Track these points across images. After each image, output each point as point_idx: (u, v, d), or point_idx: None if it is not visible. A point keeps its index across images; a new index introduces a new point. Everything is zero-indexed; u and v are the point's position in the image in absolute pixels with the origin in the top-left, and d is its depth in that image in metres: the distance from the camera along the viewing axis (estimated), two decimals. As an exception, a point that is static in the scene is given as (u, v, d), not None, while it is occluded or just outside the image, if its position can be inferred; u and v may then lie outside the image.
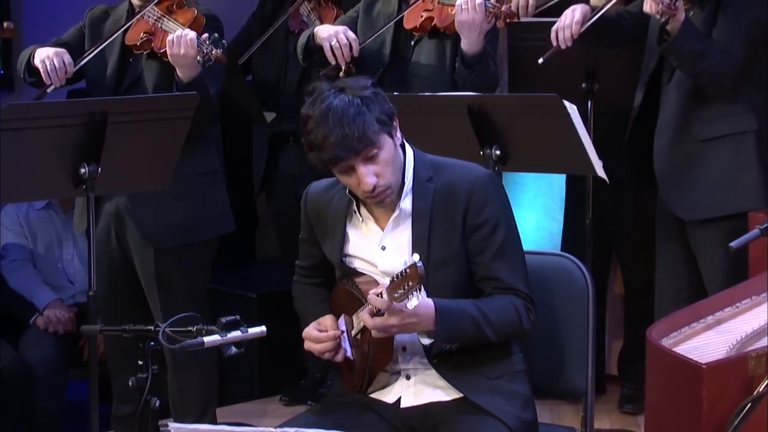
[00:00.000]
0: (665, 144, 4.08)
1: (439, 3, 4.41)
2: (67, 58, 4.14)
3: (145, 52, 4.22)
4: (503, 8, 4.21)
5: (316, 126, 2.95)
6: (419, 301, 2.82)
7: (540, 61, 4.16)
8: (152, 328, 2.89)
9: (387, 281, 2.93)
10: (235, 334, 2.87)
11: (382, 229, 3.11)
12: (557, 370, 3.27)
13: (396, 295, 2.85)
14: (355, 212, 3.13)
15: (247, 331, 2.89)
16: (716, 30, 3.95)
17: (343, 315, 3.16)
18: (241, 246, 5.96)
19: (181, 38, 3.97)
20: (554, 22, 4.24)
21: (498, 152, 4.07)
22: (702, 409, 2.77)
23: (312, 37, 4.49)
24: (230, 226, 4.41)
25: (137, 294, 4.33)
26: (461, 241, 3.04)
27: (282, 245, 5.29)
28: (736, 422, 2.68)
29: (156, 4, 4.19)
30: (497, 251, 3.04)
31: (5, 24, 4.23)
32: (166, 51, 4.05)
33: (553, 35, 4.16)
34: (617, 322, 5.19)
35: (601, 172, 4.07)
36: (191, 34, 3.97)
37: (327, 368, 5.02)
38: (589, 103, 4.60)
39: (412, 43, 4.48)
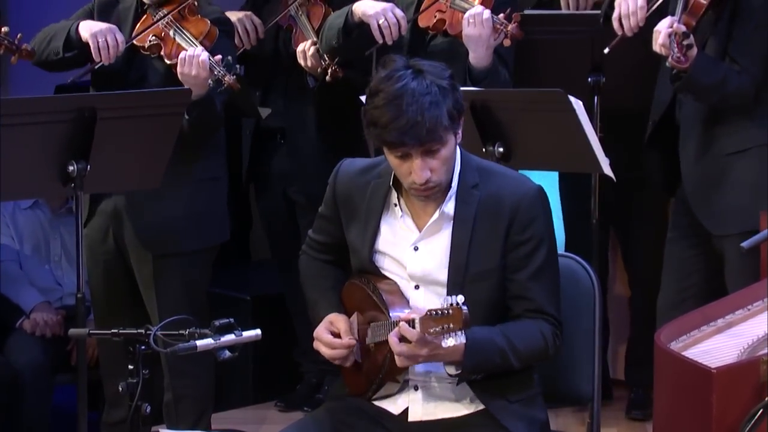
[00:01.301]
0: (691, 160, 4.05)
1: (451, 7, 4.43)
2: (120, 36, 4.12)
3: (153, 55, 4.21)
4: (510, 27, 4.22)
5: (386, 104, 2.90)
6: (458, 342, 2.82)
7: (606, 51, 4.09)
8: (143, 331, 2.89)
9: (414, 290, 2.92)
10: (229, 337, 2.88)
11: (419, 229, 3.07)
12: (562, 375, 3.27)
13: (431, 330, 2.83)
14: (396, 205, 3.09)
15: (242, 335, 2.90)
16: (732, 47, 3.92)
17: (356, 313, 3.13)
18: (236, 247, 5.95)
19: (193, 59, 3.97)
20: (559, 15, 4.23)
21: (501, 149, 4.07)
22: (712, 415, 2.78)
23: (351, 14, 4.45)
24: (225, 235, 4.42)
25: (134, 296, 4.34)
26: (501, 257, 3.02)
27: (272, 246, 5.29)
28: (747, 429, 2.68)
29: (165, 5, 4.17)
30: (536, 271, 3.03)
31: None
32: (175, 63, 4.04)
33: (616, 24, 4.07)
34: (620, 324, 5.19)
35: (607, 169, 4.08)
36: (204, 56, 3.97)
37: (323, 373, 5.03)
38: (596, 98, 4.60)
39: (427, 39, 4.49)
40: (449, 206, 3.05)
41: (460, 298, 2.80)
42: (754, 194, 3.95)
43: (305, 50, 4.76)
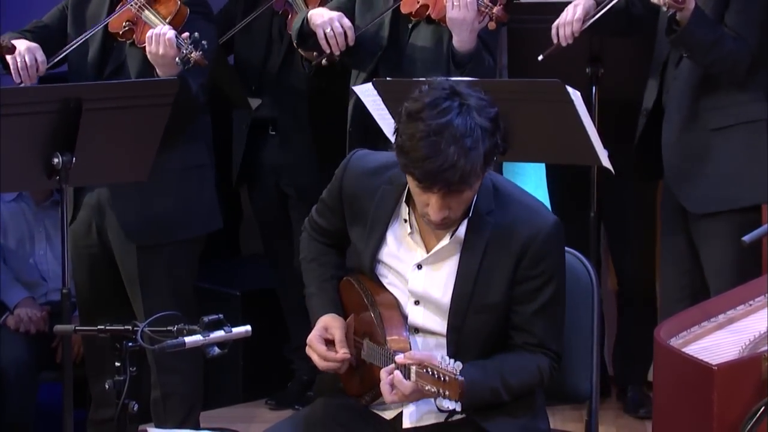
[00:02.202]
0: (673, 133, 4.09)
1: None
2: (40, 55, 4.12)
3: (128, 41, 4.21)
4: (495, 9, 4.21)
5: (422, 138, 2.76)
6: (453, 408, 2.80)
7: (540, 58, 4.16)
8: (130, 328, 2.89)
9: (413, 306, 2.94)
10: (219, 334, 2.88)
11: (427, 249, 3.01)
12: (561, 373, 3.25)
13: (426, 388, 2.81)
14: (406, 221, 3.01)
15: (231, 331, 2.90)
16: (728, 15, 3.95)
17: (352, 315, 3.11)
18: (225, 241, 5.95)
19: (159, 37, 3.96)
20: (556, 3, 4.23)
21: (497, 141, 4.07)
22: (713, 413, 2.78)
23: (306, 21, 4.49)
24: (217, 223, 4.41)
25: (119, 291, 4.33)
26: (507, 290, 2.97)
27: (265, 242, 5.29)
28: (749, 426, 2.69)
29: None
30: (541, 307, 2.99)
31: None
32: (145, 45, 4.05)
33: (554, 31, 4.17)
34: (609, 319, 5.20)
35: (606, 162, 4.08)
36: (170, 34, 3.95)
37: (315, 371, 5.01)
38: (594, 89, 4.61)
39: (410, 26, 4.48)
40: (461, 230, 2.97)
41: (458, 366, 2.77)
42: (737, 173, 3.97)
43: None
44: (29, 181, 3.95)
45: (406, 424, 3.04)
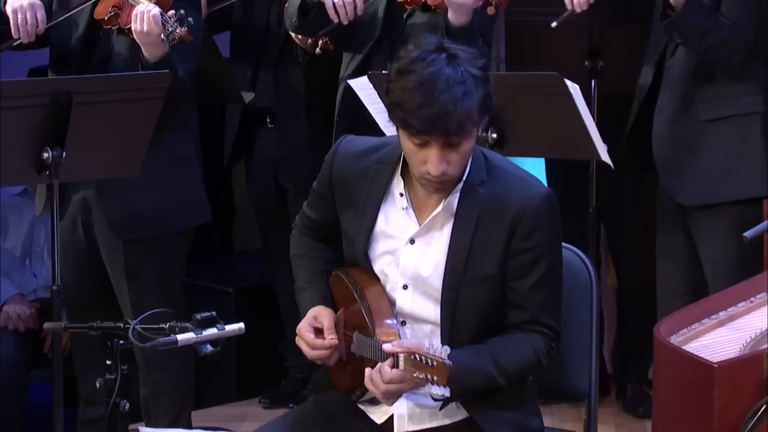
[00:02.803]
0: (665, 124, 4.10)
1: None
2: (41, 13, 4.07)
3: (114, 28, 4.20)
4: None
5: (415, 88, 2.82)
6: (442, 394, 2.80)
7: (553, 24, 4.13)
8: (121, 325, 2.89)
9: (402, 290, 2.95)
10: (211, 331, 2.88)
11: (420, 222, 3.02)
12: (558, 370, 3.27)
13: (414, 375, 2.81)
14: (402, 195, 3.02)
15: (224, 329, 2.90)
16: (724, 3, 3.96)
17: (342, 309, 3.12)
18: (218, 237, 5.95)
19: (144, 14, 3.96)
20: None
21: (495, 135, 4.08)
22: (714, 411, 2.79)
23: None
24: (206, 216, 4.40)
25: (106, 289, 4.32)
26: (501, 263, 2.98)
27: (262, 236, 5.28)
28: (750, 425, 2.69)
29: None
30: (537, 282, 2.98)
31: None
32: (130, 27, 4.04)
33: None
34: (609, 317, 5.20)
35: (605, 156, 4.08)
36: (155, 10, 3.95)
37: (309, 368, 5.03)
38: (593, 82, 4.61)
39: (405, 16, 4.48)
40: (453, 201, 2.99)
41: (446, 350, 2.77)
42: (729, 165, 3.98)
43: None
44: (18, 176, 3.94)
45: (398, 428, 3.04)
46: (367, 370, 2.92)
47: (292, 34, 4.75)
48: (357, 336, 3.04)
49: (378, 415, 3.08)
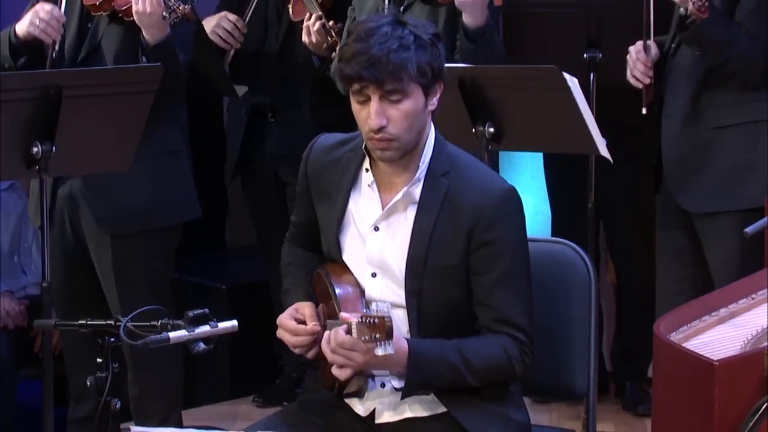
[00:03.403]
0: (673, 129, 4.10)
1: None
2: (48, 5, 4.07)
3: (105, 14, 4.19)
4: None
5: (355, 40, 2.96)
6: (386, 352, 2.82)
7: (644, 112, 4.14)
8: (112, 322, 2.89)
9: (370, 278, 2.96)
10: (204, 329, 2.88)
11: (383, 204, 3.09)
12: (556, 369, 3.28)
13: (364, 338, 2.85)
14: (367, 170, 3.10)
15: (217, 326, 2.90)
16: (740, 13, 3.93)
17: (321, 305, 3.16)
18: (210, 233, 5.95)
19: None
20: None
21: (492, 129, 4.08)
22: (714, 410, 2.79)
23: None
24: (195, 212, 4.40)
25: (95, 286, 4.32)
26: (463, 254, 3.02)
27: (259, 232, 5.27)
28: (751, 424, 2.70)
29: None
30: (502, 276, 3.02)
31: None
32: (126, 9, 4.02)
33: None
34: (608, 314, 5.21)
35: (604, 151, 4.09)
36: None
37: (304, 366, 5.03)
38: (592, 75, 4.61)
39: (402, 8, 4.47)
40: (415, 189, 3.06)
41: (387, 307, 2.81)
42: (736, 175, 3.97)
43: (310, 25, 4.72)
44: (7, 171, 3.93)
45: (380, 419, 3.08)
46: (326, 333, 2.97)
47: (305, 39, 4.71)
48: (329, 322, 3.08)
49: (361, 407, 3.11)
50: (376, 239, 3.09)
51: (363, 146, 3.10)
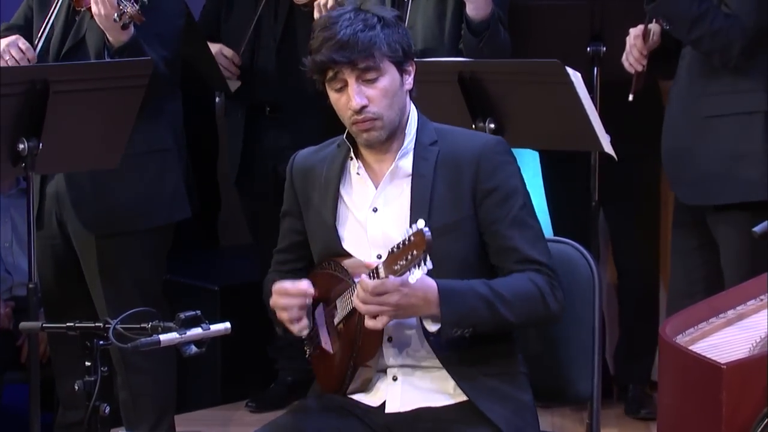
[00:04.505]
0: (670, 117, 4.11)
1: None
2: (23, 42, 4.16)
3: (84, 9, 4.20)
4: None
5: (322, 29, 3.07)
6: (423, 273, 2.84)
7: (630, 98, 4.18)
8: (101, 325, 2.89)
9: (376, 259, 2.97)
10: (196, 331, 2.88)
11: (376, 185, 3.14)
12: (559, 372, 3.28)
13: (396, 267, 2.87)
14: (352, 158, 3.16)
15: (210, 329, 2.90)
16: None
17: (321, 305, 3.16)
18: (202, 232, 5.96)
19: None
20: None
21: (492, 125, 4.08)
22: (722, 414, 2.80)
23: None
24: (185, 212, 4.39)
25: (85, 287, 4.32)
26: (469, 207, 3.09)
27: (252, 229, 5.27)
28: (760, 428, 2.70)
29: None
30: (514, 219, 3.08)
31: None
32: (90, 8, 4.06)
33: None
34: (616, 315, 5.21)
35: (608, 147, 4.09)
36: None
37: (301, 371, 5.03)
38: (595, 69, 4.61)
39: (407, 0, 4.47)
40: (405, 161, 3.13)
41: (421, 222, 2.85)
42: (727, 166, 3.97)
43: (321, 4, 4.62)
44: (-8, 168, 3.94)
45: (390, 408, 3.10)
46: (354, 298, 2.98)
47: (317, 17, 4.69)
48: (338, 301, 3.10)
49: (372, 399, 3.13)
50: (377, 220, 3.13)
51: (345, 136, 3.17)
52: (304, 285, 3.13)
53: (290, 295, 3.13)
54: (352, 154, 3.17)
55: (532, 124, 4.09)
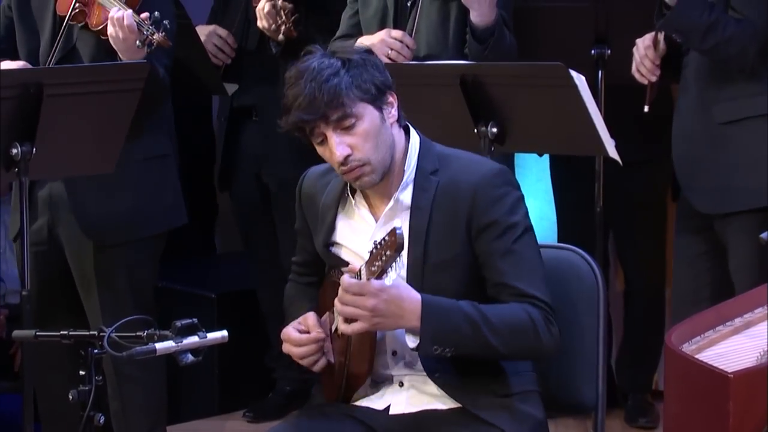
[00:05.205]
0: (683, 126, 4.10)
1: None
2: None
3: (79, 24, 4.20)
4: None
5: (290, 87, 3.05)
6: (397, 274, 2.86)
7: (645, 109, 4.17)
8: (96, 333, 2.89)
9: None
10: (192, 339, 2.88)
11: (377, 221, 3.15)
12: (563, 380, 3.28)
13: (373, 268, 2.90)
14: (348, 196, 3.17)
15: (206, 337, 2.90)
16: None
17: (327, 313, 3.17)
18: (199, 239, 5.96)
19: (118, 21, 3.96)
20: None
21: (495, 130, 4.08)
22: (729, 424, 2.80)
23: None
24: (182, 218, 4.40)
25: (72, 295, 4.31)
26: (463, 243, 3.08)
27: (243, 236, 5.28)
28: (767, 439, 2.70)
29: None
30: (506, 253, 3.06)
31: None
32: (101, 29, 4.04)
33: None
34: (617, 322, 5.21)
35: (613, 152, 4.09)
36: (129, 17, 3.95)
37: (299, 381, 5.03)
38: (600, 72, 4.62)
39: (409, 4, 4.47)
40: (406, 194, 3.13)
41: (397, 222, 2.90)
42: (747, 172, 3.97)
43: (260, 9, 4.74)
44: (-16, 173, 3.94)
45: (394, 410, 3.11)
46: (336, 300, 3.00)
47: (258, 24, 4.77)
48: (335, 308, 3.10)
49: (378, 403, 3.15)
50: None
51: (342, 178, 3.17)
52: (313, 334, 3.12)
53: (303, 344, 3.13)
54: (349, 193, 3.18)
55: (535, 128, 4.09)
